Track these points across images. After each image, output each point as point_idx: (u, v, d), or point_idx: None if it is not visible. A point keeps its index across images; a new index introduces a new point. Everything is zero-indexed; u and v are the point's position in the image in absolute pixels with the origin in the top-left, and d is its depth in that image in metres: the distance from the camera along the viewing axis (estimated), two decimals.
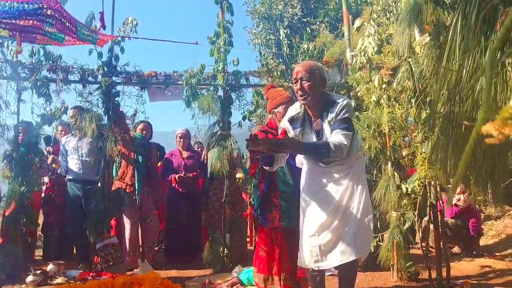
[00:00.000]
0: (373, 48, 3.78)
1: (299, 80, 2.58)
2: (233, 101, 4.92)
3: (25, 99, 4.69)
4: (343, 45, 5.09)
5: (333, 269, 3.05)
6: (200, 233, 5.38)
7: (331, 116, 2.55)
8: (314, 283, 2.83)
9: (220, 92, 4.90)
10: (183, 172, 5.25)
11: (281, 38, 5.56)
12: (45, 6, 3.12)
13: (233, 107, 4.93)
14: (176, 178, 5.20)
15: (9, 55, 4.59)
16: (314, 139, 2.64)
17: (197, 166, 5.46)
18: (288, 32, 7.59)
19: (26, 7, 3.08)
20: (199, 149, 6.47)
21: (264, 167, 2.71)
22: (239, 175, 6.11)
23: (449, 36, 0.72)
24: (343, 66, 4.91)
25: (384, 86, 3.70)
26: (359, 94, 4.23)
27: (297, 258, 3.09)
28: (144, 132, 5.10)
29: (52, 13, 3.23)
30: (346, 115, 2.52)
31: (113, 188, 4.87)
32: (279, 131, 2.83)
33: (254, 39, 10.34)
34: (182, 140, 5.51)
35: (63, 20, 3.37)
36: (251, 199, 4.88)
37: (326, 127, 2.59)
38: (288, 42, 5.60)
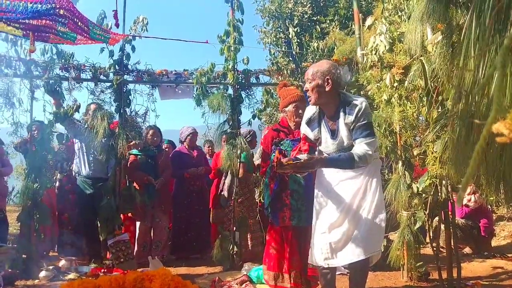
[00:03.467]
0: (385, 47, 3.75)
1: (307, 81, 2.62)
2: (243, 100, 4.92)
3: (37, 97, 4.78)
4: (353, 43, 5.06)
5: (343, 268, 3.04)
6: (208, 231, 5.41)
7: (349, 118, 2.56)
8: (325, 281, 2.83)
9: (230, 91, 4.90)
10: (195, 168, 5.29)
11: (290, 36, 5.52)
12: (57, 6, 3.16)
13: (243, 106, 4.92)
14: (190, 172, 5.26)
15: (23, 54, 4.67)
16: (329, 138, 2.66)
17: (204, 164, 5.54)
18: (298, 30, 7.56)
19: (39, 7, 3.12)
20: (210, 148, 6.50)
21: (297, 174, 2.79)
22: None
23: (464, 35, 0.72)
24: (354, 64, 4.89)
25: (395, 84, 3.68)
26: (370, 93, 4.21)
27: (308, 256, 3.10)
28: (155, 138, 5.18)
29: (65, 13, 3.27)
30: (366, 120, 2.53)
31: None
32: (301, 135, 2.83)
33: (264, 38, 10.32)
34: (192, 138, 5.58)
35: (75, 19, 3.41)
36: (261, 197, 4.88)
37: (342, 127, 2.60)
38: (298, 40, 5.56)
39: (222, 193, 5.03)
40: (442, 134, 3.05)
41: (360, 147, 2.48)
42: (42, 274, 4.10)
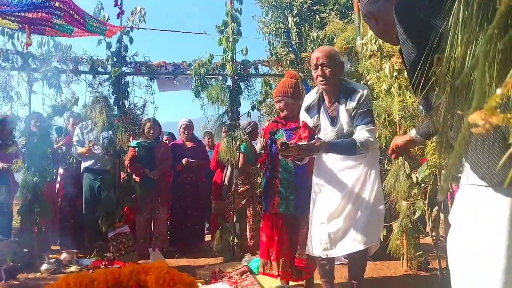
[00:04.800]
0: None
1: (319, 66, 2.59)
2: (242, 91, 4.90)
3: (36, 90, 4.77)
4: (353, 32, 5.01)
5: (342, 258, 3.05)
6: (202, 223, 5.41)
7: (351, 104, 2.57)
8: (323, 271, 2.84)
9: (229, 82, 4.88)
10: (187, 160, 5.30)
11: (290, 26, 5.47)
12: None
13: (242, 97, 4.90)
14: (183, 162, 5.25)
15: (20, 47, 4.64)
16: (329, 125, 2.66)
17: (201, 156, 5.51)
18: (298, 20, 7.50)
19: (34, 0, 3.11)
20: (209, 139, 6.49)
21: (297, 162, 2.78)
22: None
23: (451, 23, 0.70)
24: (353, 54, 4.84)
25: (395, 74, 3.65)
26: (369, 82, 4.17)
27: (298, 246, 3.12)
28: (151, 131, 5.11)
29: (60, 5, 3.25)
30: (367, 108, 2.56)
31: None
32: (300, 123, 2.83)
33: (264, 28, 10.25)
34: (185, 131, 5.55)
35: (71, 12, 3.39)
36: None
37: (343, 114, 2.60)
38: (297, 30, 5.52)
39: (224, 184, 5.04)
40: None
41: (362, 133, 2.50)
42: (44, 267, 4.12)
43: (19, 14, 3.43)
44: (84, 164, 5.01)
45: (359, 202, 2.61)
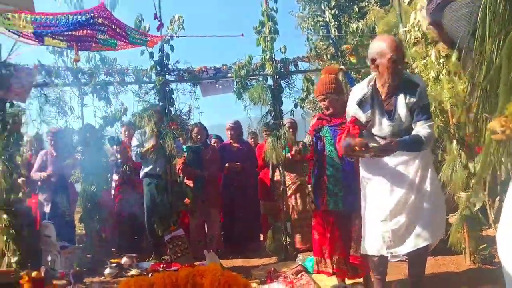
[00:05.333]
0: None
1: (378, 58, 2.53)
2: (283, 90, 4.87)
3: (87, 103, 5.02)
4: (395, 20, 4.84)
5: (401, 254, 2.99)
6: (255, 223, 5.46)
7: (411, 99, 2.51)
8: (376, 268, 2.76)
9: (270, 81, 4.87)
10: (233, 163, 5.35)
11: (328, 20, 5.38)
12: (96, 16, 3.29)
13: (283, 95, 4.88)
14: (226, 166, 5.33)
15: (69, 64, 4.90)
16: (385, 120, 2.59)
17: (247, 157, 5.51)
18: (336, 12, 7.35)
19: (79, 18, 3.27)
20: (253, 140, 6.52)
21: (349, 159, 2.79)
22: None
23: (480, 17, 0.65)
24: None
25: (442, 60, 3.48)
26: (416, 70, 4.02)
27: (352, 242, 3.06)
28: (199, 136, 5.26)
29: (103, 21, 3.39)
30: (427, 101, 2.55)
31: None
32: (348, 118, 2.76)
33: (302, 23, 10.13)
34: (231, 132, 5.60)
35: (113, 26, 3.53)
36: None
37: (401, 108, 2.54)
38: (336, 23, 5.41)
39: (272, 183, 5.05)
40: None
41: (424, 129, 2.48)
42: (107, 271, 4.31)
43: (67, 33, 3.62)
44: (144, 170, 5.19)
45: (421, 197, 2.56)
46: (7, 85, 4.43)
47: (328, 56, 5.09)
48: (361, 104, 2.63)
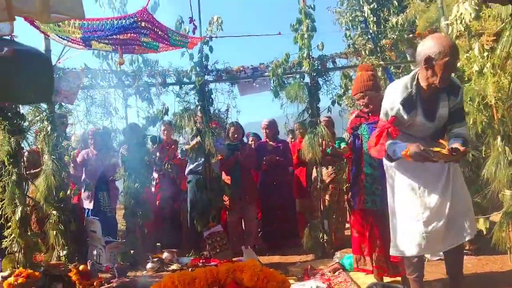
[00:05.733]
0: (470, 14, 3.43)
1: (448, 68, 2.42)
2: (320, 87, 4.86)
3: (130, 104, 5.23)
4: (437, 10, 4.71)
5: (441, 253, 2.96)
6: (293, 220, 5.49)
7: (454, 101, 2.52)
8: (414, 268, 2.71)
9: (307, 79, 4.87)
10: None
11: (366, 15, 5.28)
12: (139, 19, 3.42)
13: (321, 93, 4.87)
14: (265, 160, 5.39)
15: (114, 66, 5.12)
16: (426, 121, 2.56)
17: (283, 155, 5.55)
18: (375, 6, 7.19)
19: (123, 22, 3.42)
20: (292, 138, 6.54)
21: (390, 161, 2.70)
22: None
23: None
24: None
25: (486, 54, 3.36)
26: (458, 64, 3.89)
27: (390, 240, 3.03)
28: (235, 135, 5.40)
29: (146, 25, 3.53)
30: (463, 102, 2.60)
31: None
32: (383, 117, 2.66)
33: (339, 18, 9.98)
34: (266, 130, 5.67)
35: (155, 29, 3.66)
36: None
37: (443, 109, 2.53)
38: (375, 18, 5.30)
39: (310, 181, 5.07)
40: None
41: (464, 130, 2.52)
42: (149, 265, 4.48)
43: (112, 37, 3.79)
44: (189, 167, 5.35)
45: (456, 195, 2.53)
46: (56, 88, 4.68)
47: (367, 51, 5.01)
48: (404, 103, 2.50)
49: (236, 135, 5.40)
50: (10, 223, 4.23)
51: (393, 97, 2.56)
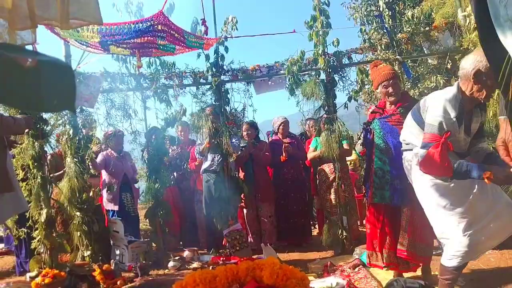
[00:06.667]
0: None
1: (480, 76, 2.36)
2: (336, 83, 4.85)
3: (149, 106, 5.32)
4: (453, 4, 4.63)
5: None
6: (308, 217, 5.50)
7: (484, 116, 2.62)
8: (454, 276, 2.65)
9: (323, 76, 4.86)
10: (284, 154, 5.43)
11: (381, 9, 5.23)
12: (156, 23, 3.49)
13: (337, 89, 4.86)
14: (285, 147, 5.39)
15: (132, 69, 5.22)
16: (465, 137, 2.58)
17: (296, 152, 5.59)
18: (390, 0, 7.12)
19: (140, 26, 3.50)
20: (313, 127, 6.54)
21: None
22: (352, 157, 6.08)
23: None
24: (455, 28, 4.48)
25: None
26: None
27: (400, 237, 3.05)
28: (249, 132, 5.46)
29: (162, 28, 3.60)
30: None
31: None
32: (430, 130, 2.48)
33: (354, 14, 9.91)
34: (282, 127, 5.72)
35: (172, 32, 3.73)
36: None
37: (475, 125, 2.58)
38: (390, 12, 5.24)
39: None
40: None
41: (486, 145, 2.63)
42: (170, 264, 4.56)
43: (130, 41, 3.88)
44: (203, 166, 5.42)
45: (493, 193, 2.55)
46: (77, 92, 4.79)
47: (383, 46, 4.97)
48: (458, 117, 2.45)
49: (249, 132, 5.47)
50: (37, 225, 4.36)
51: (448, 110, 2.45)
